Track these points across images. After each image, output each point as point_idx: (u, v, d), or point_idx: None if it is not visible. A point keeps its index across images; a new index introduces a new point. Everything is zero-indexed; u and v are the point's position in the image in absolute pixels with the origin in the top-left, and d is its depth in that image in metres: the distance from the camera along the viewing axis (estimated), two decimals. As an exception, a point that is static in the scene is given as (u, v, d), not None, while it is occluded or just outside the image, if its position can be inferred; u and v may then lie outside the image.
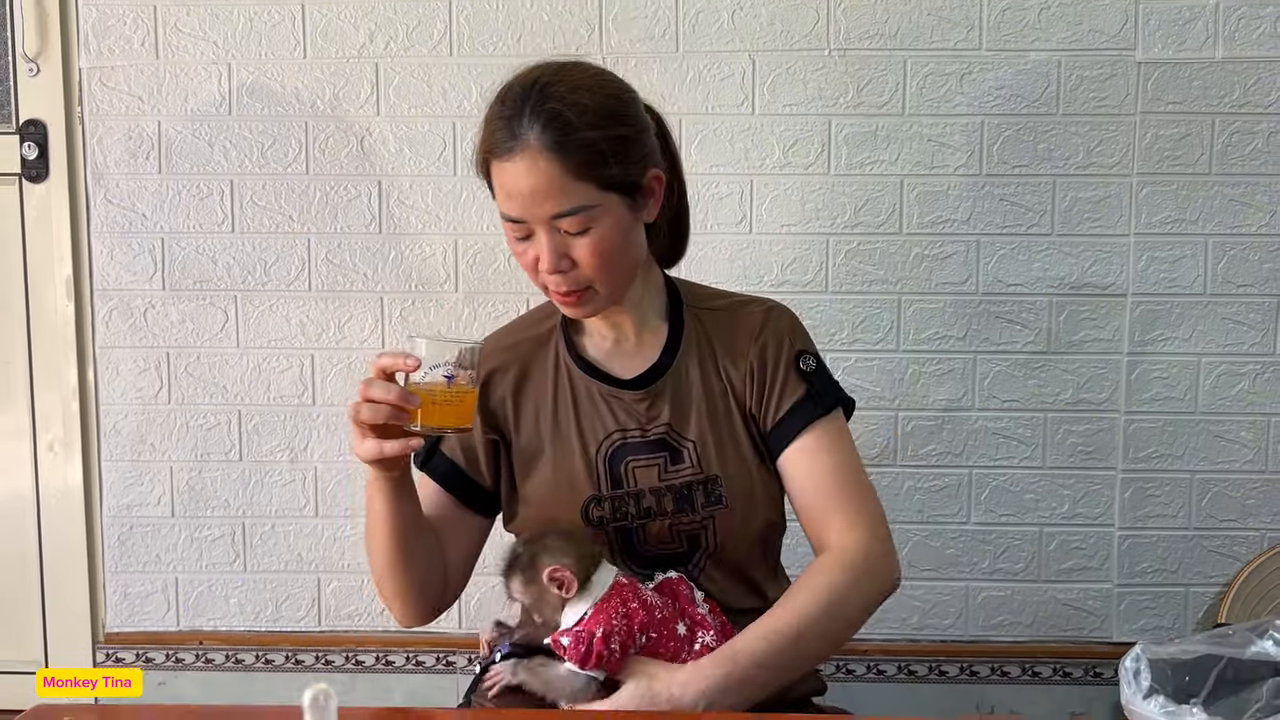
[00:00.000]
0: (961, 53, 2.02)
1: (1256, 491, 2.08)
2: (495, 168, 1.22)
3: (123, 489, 2.16)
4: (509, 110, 1.21)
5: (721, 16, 2.03)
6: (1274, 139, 2.01)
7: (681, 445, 1.29)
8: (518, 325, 1.41)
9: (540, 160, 1.18)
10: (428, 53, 2.06)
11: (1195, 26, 2.00)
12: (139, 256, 2.12)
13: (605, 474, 1.29)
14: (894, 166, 2.04)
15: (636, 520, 1.28)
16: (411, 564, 1.27)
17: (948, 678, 2.13)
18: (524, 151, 1.19)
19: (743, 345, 1.33)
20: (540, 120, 1.19)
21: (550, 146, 1.18)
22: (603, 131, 1.20)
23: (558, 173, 1.19)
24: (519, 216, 1.22)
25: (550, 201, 1.19)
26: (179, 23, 2.08)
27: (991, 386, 2.08)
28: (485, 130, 1.24)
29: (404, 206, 2.09)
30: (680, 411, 1.30)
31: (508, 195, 1.22)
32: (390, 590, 1.29)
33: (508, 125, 1.20)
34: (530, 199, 1.20)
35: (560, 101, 1.20)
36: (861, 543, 1.25)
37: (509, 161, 1.20)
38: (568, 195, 1.19)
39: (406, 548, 1.25)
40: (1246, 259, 2.04)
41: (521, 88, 1.22)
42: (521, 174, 1.19)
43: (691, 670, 1.16)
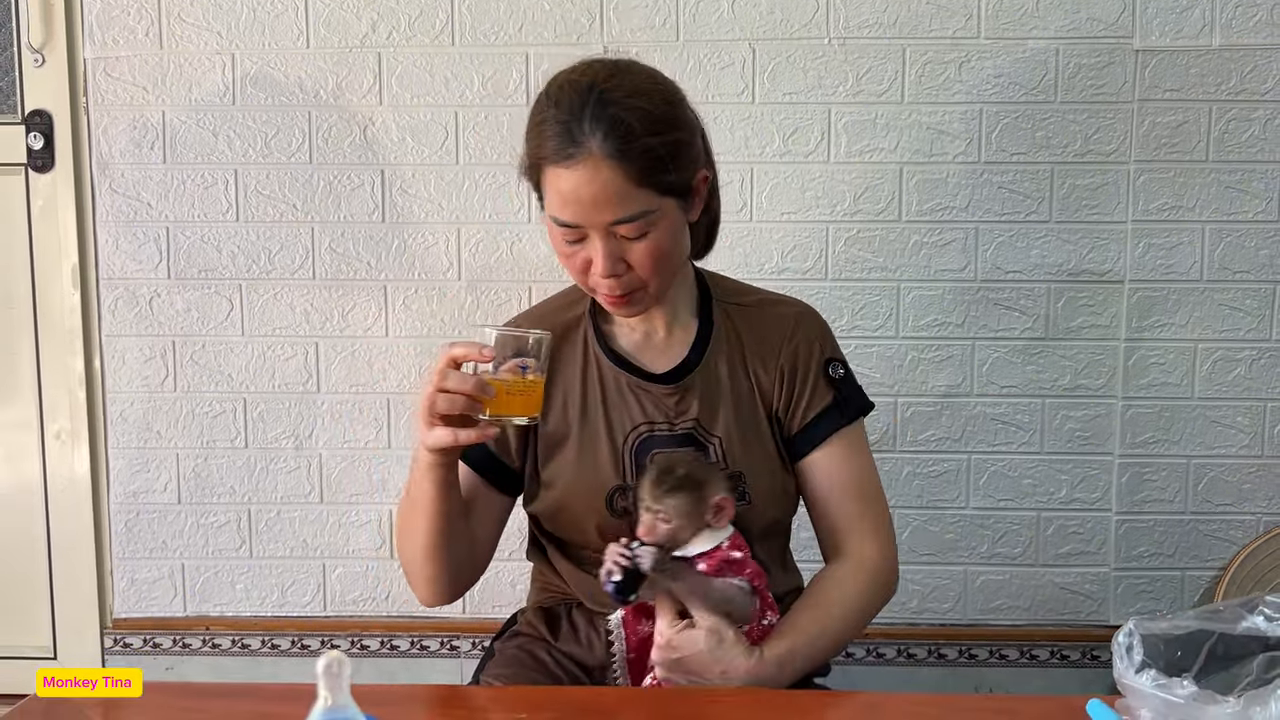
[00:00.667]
0: (960, 41, 2.03)
1: (1252, 476, 2.10)
2: (551, 173, 1.19)
3: (129, 476, 2.19)
4: (566, 114, 1.18)
5: (721, 5, 2.04)
6: (1270, 126, 2.03)
7: (708, 441, 1.30)
8: (545, 310, 1.40)
9: (603, 168, 1.16)
10: (430, 42, 2.07)
11: (1192, 14, 2.02)
12: (144, 246, 2.14)
13: (631, 465, 1.29)
14: (893, 154, 2.06)
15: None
16: (451, 547, 1.27)
17: (946, 661, 2.15)
18: (585, 159, 1.16)
19: (773, 346, 1.34)
20: (602, 127, 1.16)
21: (612, 154, 1.16)
22: (662, 138, 1.19)
23: (619, 180, 1.17)
24: (575, 222, 1.20)
25: (610, 209, 1.18)
26: (183, 13, 2.09)
27: (990, 373, 2.10)
28: (538, 134, 1.21)
29: (407, 195, 2.11)
30: (709, 408, 1.31)
31: (564, 202, 1.19)
32: (425, 573, 1.30)
33: (567, 131, 1.17)
34: (590, 206, 1.18)
35: (621, 107, 1.17)
36: (881, 556, 1.34)
37: (568, 168, 1.17)
38: (628, 202, 1.18)
39: (449, 530, 1.26)
40: (1243, 245, 2.06)
41: (577, 91, 1.19)
42: (583, 182, 1.17)
43: (756, 658, 1.18)
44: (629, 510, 1.28)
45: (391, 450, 2.16)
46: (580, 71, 1.22)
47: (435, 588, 1.31)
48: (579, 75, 1.21)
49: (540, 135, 1.21)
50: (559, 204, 1.20)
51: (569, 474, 1.31)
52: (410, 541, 1.29)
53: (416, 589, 1.33)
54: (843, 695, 1.15)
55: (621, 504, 1.29)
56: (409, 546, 1.30)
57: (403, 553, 1.33)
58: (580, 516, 1.31)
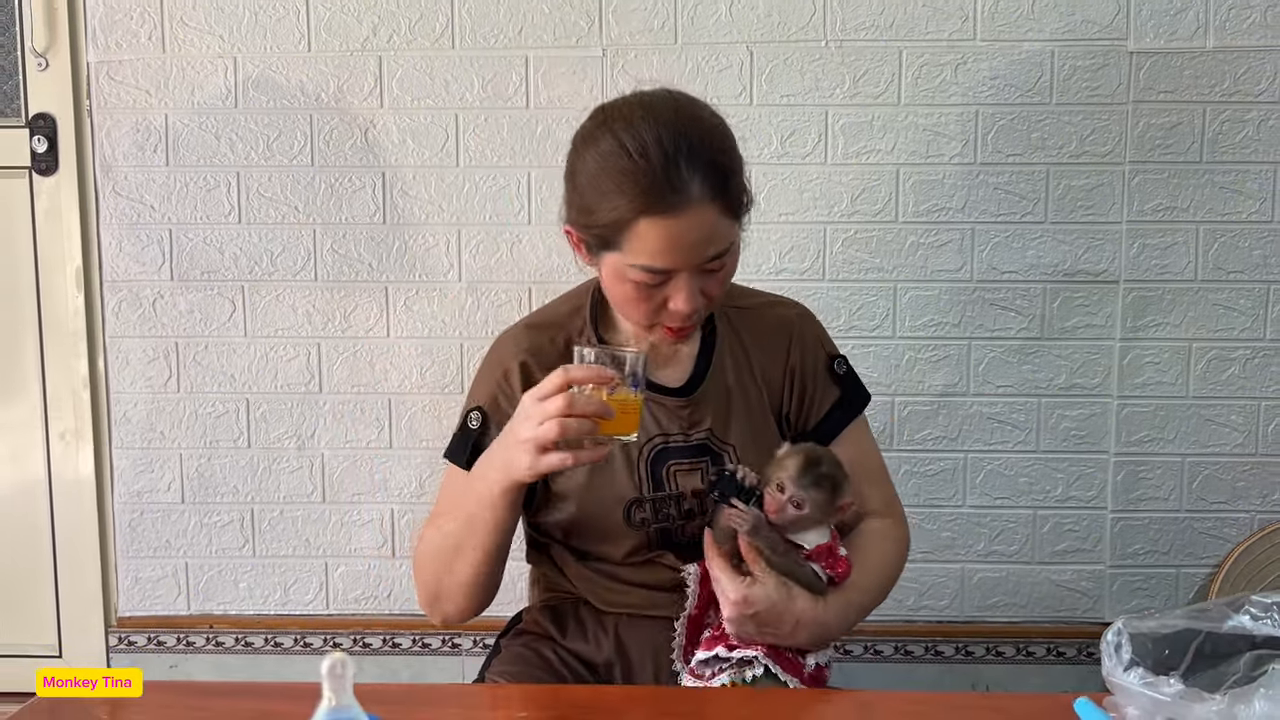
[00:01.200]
0: (956, 43, 2.05)
1: (1246, 474, 2.12)
2: (646, 224, 1.18)
3: (133, 476, 2.20)
4: (660, 163, 1.17)
5: (719, 8, 2.06)
6: (1264, 127, 2.05)
7: (723, 450, 1.32)
8: (548, 319, 1.38)
9: (706, 211, 1.18)
10: (430, 45, 2.09)
11: (1186, 16, 2.03)
12: (147, 248, 2.16)
13: (647, 477, 1.31)
14: (890, 156, 2.08)
15: (678, 521, 1.31)
16: (496, 571, 1.28)
17: (943, 658, 2.17)
18: (690, 205, 1.17)
19: (778, 350, 1.37)
20: (699, 170, 1.17)
21: (713, 195, 1.18)
22: (740, 168, 1.22)
23: (718, 219, 1.19)
24: (671, 267, 1.19)
25: (709, 247, 1.19)
26: (185, 17, 2.11)
27: (986, 372, 2.11)
28: (630, 188, 1.17)
29: (407, 197, 2.13)
30: (721, 417, 1.33)
31: (664, 249, 1.18)
32: (463, 597, 1.29)
33: (667, 180, 1.16)
34: (692, 249, 1.19)
35: (711, 148, 1.19)
36: (901, 526, 1.43)
37: (675, 217, 1.17)
38: (723, 237, 1.20)
39: (501, 556, 1.27)
40: (1237, 246, 2.07)
41: (661, 138, 1.18)
42: (689, 228, 1.17)
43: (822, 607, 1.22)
44: (647, 522, 1.30)
45: (393, 450, 2.18)
46: (644, 114, 1.21)
47: (464, 610, 1.31)
48: (648, 117, 1.20)
49: (631, 190, 1.17)
50: (656, 252, 1.19)
51: (584, 487, 1.31)
52: (453, 574, 1.28)
53: (446, 610, 1.31)
54: (836, 693, 1.17)
55: (640, 515, 1.30)
56: (450, 579, 1.28)
57: (439, 583, 1.30)
58: (597, 529, 1.32)
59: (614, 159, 1.19)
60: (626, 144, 1.19)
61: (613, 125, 1.22)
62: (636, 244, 1.19)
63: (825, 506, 1.22)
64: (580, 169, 1.24)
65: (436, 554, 1.29)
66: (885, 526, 1.39)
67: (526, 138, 2.09)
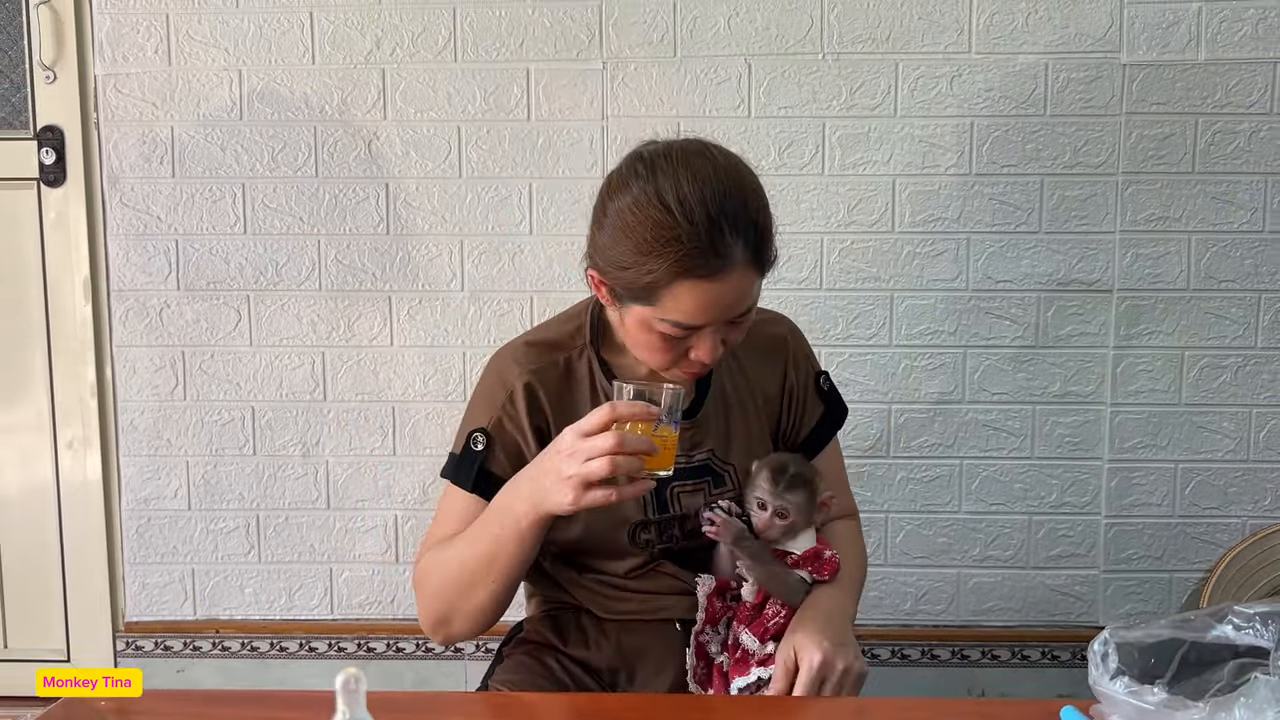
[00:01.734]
0: (951, 56, 2.08)
1: (1238, 480, 2.14)
2: (688, 285, 1.17)
3: (140, 483, 2.23)
4: (705, 228, 1.16)
5: (718, 22, 2.08)
6: (1255, 138, 2.07)
7: (724, 470, 1.35)
8: (548, 338, 1.37)
9: (749, 273, 1.20)
10: (433, 58, 2.12)
11: (1179, 29, 2.06)
12: (154, 258, 2.18)
13: (652, 499, 1.32)
14: (886, 167, 2.10)
15: (681, 541, 1.34)
16: (511, 597, 1.29)
17: (939, 661, 2.20)
18: (733, 269, 1.18)
19: (774, 368, 1.41)
20: (742, 235, 1.18)
21: (754, 260, 1.19)
22: (773, 226, 1.23)
23: (755, 280, 1.22)
24: (702, 324, 1.20)
25: (742, 306, 1.22)
26: (191, 30, 2.13)
27: (981, 380, 2.14)
28: (675, 251, 1.16)
29: (410, 208, 2.15)
30: (721, 439, 1.36)
31: (701, 309, 1.18)
32: (476, 622, 1.29)
33: (711, 246, 1.16)
34: (726, 310, 1.20)
35: (751, 211, 1.20)
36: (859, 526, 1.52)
37: (716, 281, 1.17)
38: (753, 294, 1.23)
39: (518, 582, 1.28)
40: (1228, 255, 2.10)
41: (706, 200, 1.17)
42: (728, 290, 1.18)
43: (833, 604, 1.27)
44: (651, 543, 1.32)
45: (396, 457, 2.21)
46: (685, 172, 1.19)
47: (475, 635, 1.32)
48: (691, 177, 1.18)
49: (676, 253, 1.16)
50: (691, 312, 1.19)
51: (588, 511, 1.29)
52: (468, 601, 1.27)
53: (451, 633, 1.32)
54: (829, 701, 1.20)
55: (645, 537, 1.32)
56: (465, 606, 1.28)
57: (450, 608, 1.29)
58: (601, 551, 1.34)
59: (655, 216, 1.17)
60: (669, 203, 1.17)
61: (653, 176, 1.19)
62: (670, 303, 1.19)
63: (807, 506, 1.26)
64: (615, 217, 1.21)
65: (449, 582, 1.28)
66: (855, 525, 1.50)
67: (528, 149, 2.12)
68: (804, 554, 1.27)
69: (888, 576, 2.18)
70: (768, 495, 1.26)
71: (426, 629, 1.33)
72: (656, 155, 1.22)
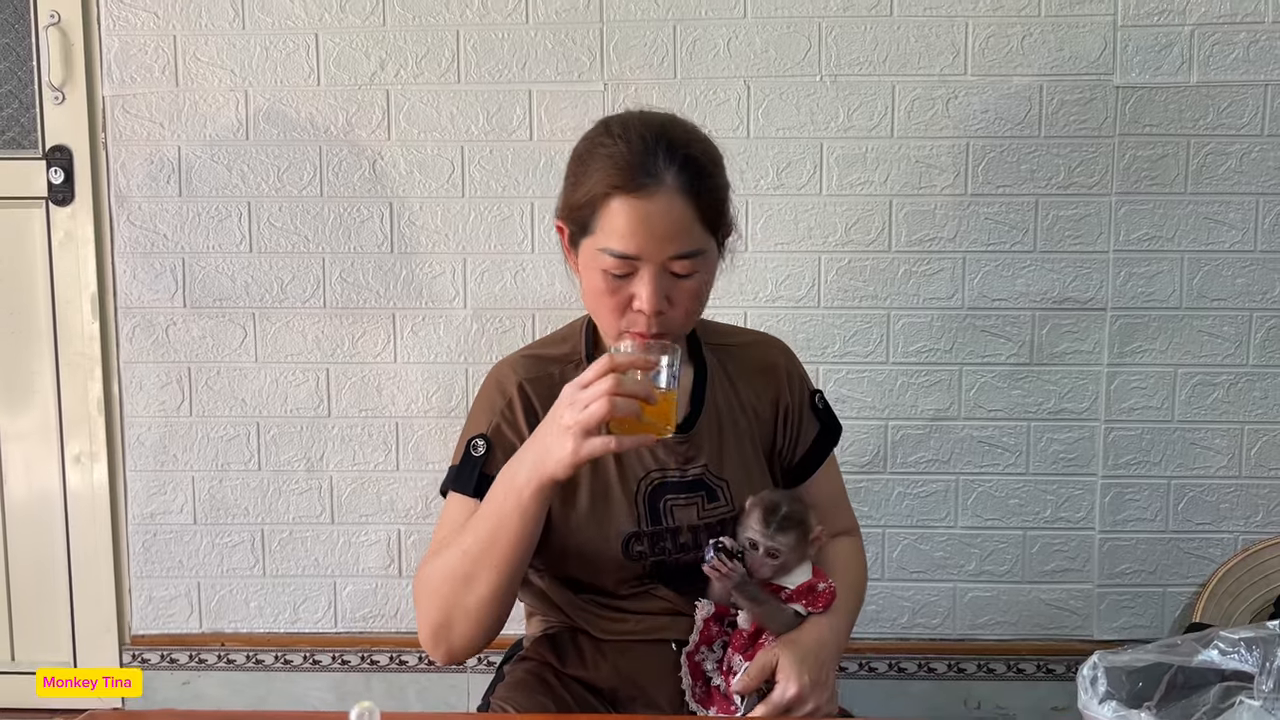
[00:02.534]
0: (947, 78, 2.11)
1: (1230, 496, 2.17)
2: (617, 203, 1.22)
3: (147, 498, 2.26)
4: (639, 148, 1.22)
5: (717, 44, 2.11)
6: (1246, 159, 2.10)
7: (717, 485, 1.37)
8: (544, 350, 1.41)
9: (676, 201, 1.22)
10: (436, 80, 2.15)
11: (1171, 52, 2.09)
12: (161, 276, 2.21)
13: (645, 511, 1.34)
14: (883, 187, 2.13)
15: (674, 555, 1.35)
16: (509, 598, 1.26)
17: (936, 674, 2.23)
18: (661, 190, 1.21)
19: (767, 388, 1.43)
20: (677, 162, 1.22)
21: (686, 189, 1.22)
22: (721, 181, 1.27)
23: (690, 215, 1.22)
24: (634, 254, 1.22)
25: (675, 242, 1.23)
26: (198, 52, 2.16)
27: (977, 397, 2.17)
28: (604, 166, 1.23)
29: (414, 227, 2.18)
30: (716, 453, 1.38)
31: (630, 232, 1.22)
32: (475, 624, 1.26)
33: (642, 163, 1.21)
34: (657, 238, 1.22)
35: (692, 148, 1.24)
36: (860, 539, 1.53)
37: (643, 199, 1.21)
38: (692, 238, 1.23)
39: (516, 578, 1.26)
40: (1220, 274, 2.13)
41: (647, 129, 1.24)
42: (656, 213, 1.21)
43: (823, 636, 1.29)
44: (644, 555, 1.34)
45: (399, 472, 2.23)
46: (637, 114, 1.29)
47: (474, 643, 1.28)
48: (639, 117, 1.28)
49: (608, 167, 1.23)
50: (622, 234, 1.22)
51: (582, 521, 1.34)
52: (466, 597, 1.25)
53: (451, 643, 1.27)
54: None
55: (638, 549, 1.34)
56: (463, 603, 1.25)
57: (448, 611, 1.26)
58: (594, 562, 1.35)
59: (599, 142, 1.27)
60: (614, 130, 1.26)
61: (608, 121, 1.30)
62: (606, 224, 1.23)
63: (798, 546, 1.28)
64: (572, 159, 1.30)
65: (446, 580, 1.26)
66: (855, 543, 1.51)
67: (530, 169, 2.15)
68: (797, 589, 1.29)
69: (885, 590, 2.21)
70: (759, 536, 1.27)
71: (427, 642, 1.30)
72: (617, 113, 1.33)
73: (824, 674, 1.26)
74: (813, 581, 1.30)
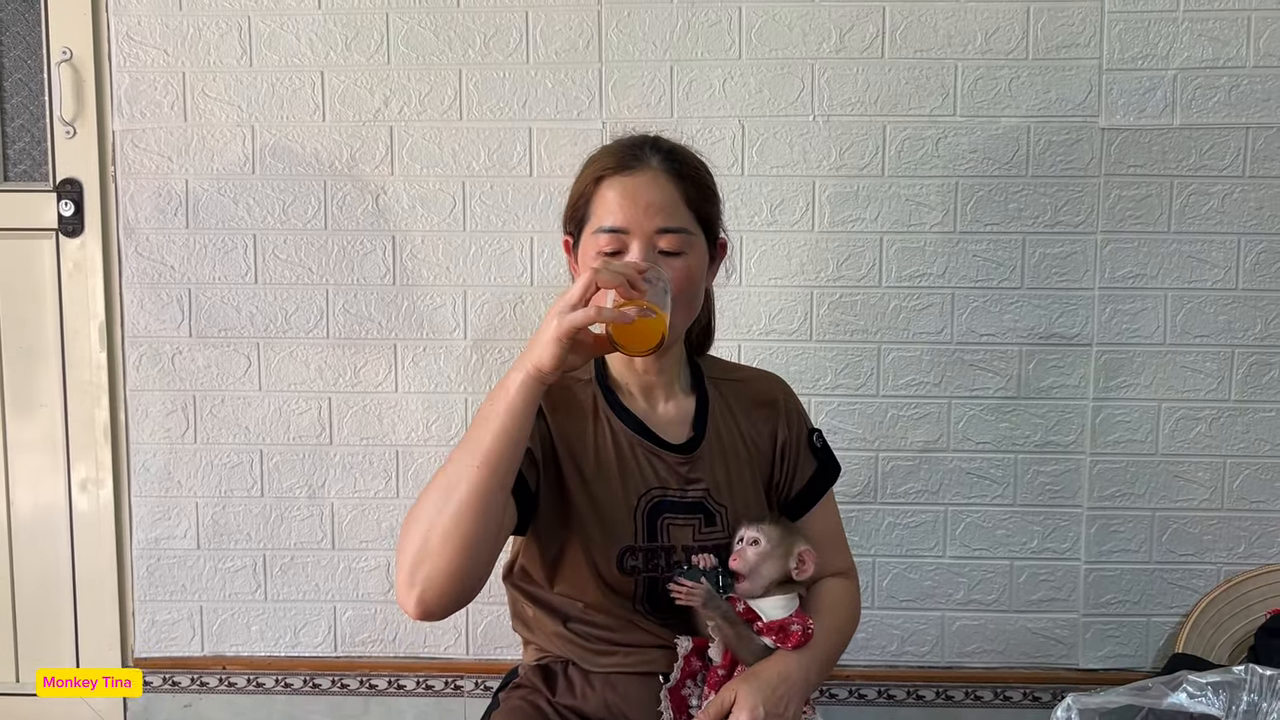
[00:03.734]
0: (937, 119, 2.16)
1: (1213, 528, 2.22)
2: (608, 183, 1.36)
3: (151, 523, 2.30)
4: (626, 144, 1.40)
5: (713, 85, 2.17)
6: (1228, 200, 2.15)
7: (717, 510, 1.42)
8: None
9: (660, 178, 1.36)
10: (439, 117, 2.20)
11: (1155, 95, 2.14)
12: (167, 306, 2.26)
13: (643, 526, 1.39)
14: (874, 224, 2.18)
15: (665, 573, 1.39)
16: (489, 512, 1.20)
17: (925, 702, 2.27)
18: (646, 169, 1.36)
19: (767, 423, 1.49)
20: (660, 153, 1.39)
21: (669, 171, 1.37)
22: (704, 178, 1.42)
23: (673, 193, 1.36)
24: (624, 225, 1.34)
25: (661, 215, 1.34)
26: (206, 88, 2.22)
27: (965, 429, 2.22)
28: (597, 160, 1.40)
29: (416, 260, 2.23)
30: (715, 479, 1.43)
31: (619, 205, 1.34)
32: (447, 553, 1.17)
33: (629, 152, 1.38)
34: (644, 210, 1.34)
35: (676, 147, 1.42)
36: (858, 587, 1.56)
37: (630, 176, 1.36)
38: (677, 214, 1.36)
39: (504, 482, 1.21)
40: (1203, 311, 2.18)
41: (634, 136, 1.42)
42: (642, 186, 1.35)
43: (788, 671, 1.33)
44: (638, 570, 1.38)
45: (399, 500, 2.28)
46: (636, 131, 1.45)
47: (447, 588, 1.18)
48: (634, 132, 1.45)
49: (600, 159, 1.39)
50: (612, 209, 1.35)
51: (579, 530, 1.38)
52: (443, 512, 1.18)
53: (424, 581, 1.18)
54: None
55: (632, 562, 1.38)
56: (440, 521, 1.18)
57: (425, 537, 1.19)
58: (587, 573, 1.39)
59: (593, 150, 1.44)
60: (604, 146, 1.44)
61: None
62: (599, 208, 1.36)
63: (781, 540, 1.34)
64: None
65: (429, 494, 1.21)
66: (849, 585, 1.54)
67: (530, 205, 2.20)
68: (770, 624, 1.33)
69: (875, 619, 2.25)
70: (745, 526, 1.37)
71: (402, 584, 1.20)
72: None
73: (782, 707, 1.30)
74: (787, 620, 1.34)
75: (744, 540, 1.35)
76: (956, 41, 2.14)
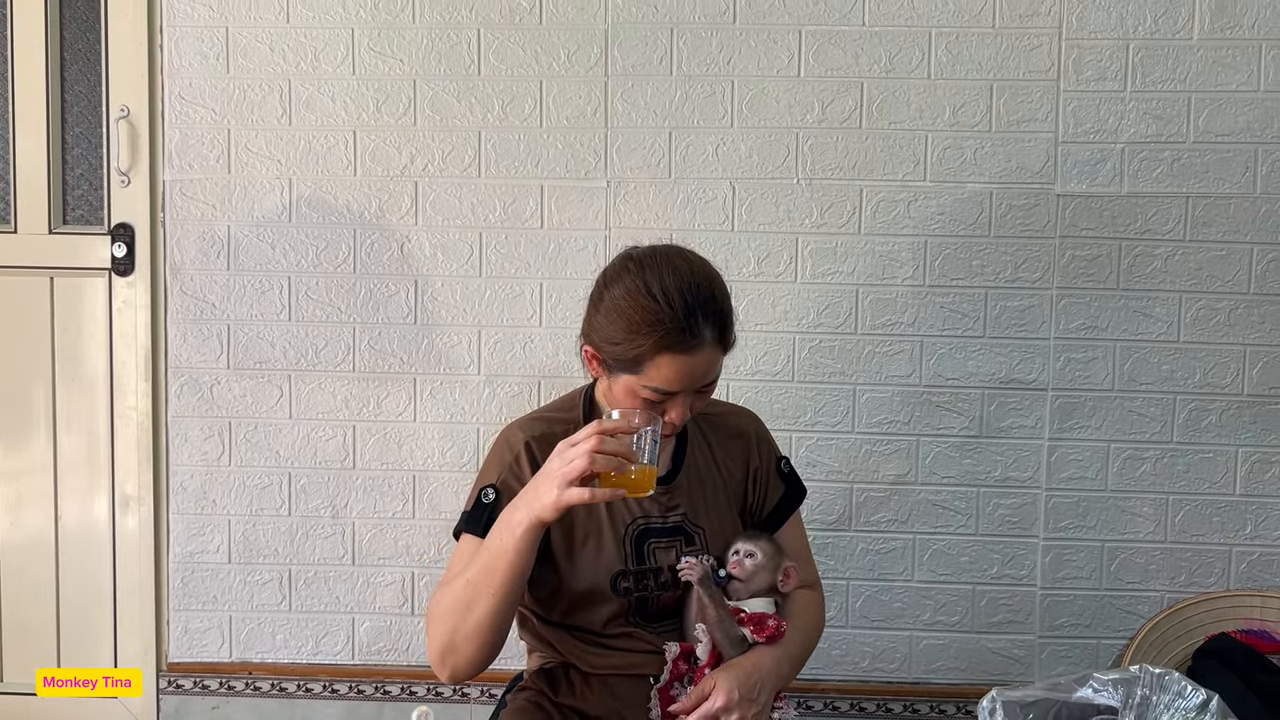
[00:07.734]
0: (909, 183, 2.36)
1: (1157, 559, 2.39)
2: (667, 358, 1.44)
3: (187, 538, 2.48)
4: (682, 313, 1.44)
5: (707, 150, 2.38)
6: (1171, 261, 2.34)
7: (695, 532, 1.60)
8: (548, 416, 1.62)
9: (715, 353, 1.48)
10: (459, 174, 2.40)
11: (1105, 166, 2.34)
12: (208, 340, 2.45)
13: (632, 552, 1.57)
14: (851, 277, 2.37)
15: (654, 592, 1.57)
16: (505, 622, 1.46)
17: (893, 714, 2.44)
18: (703, 348, 1.46)
19: (739, 452, 1.67)
20: (711, 321, 1.47)
21: (719, 341, 1.48)
22: (732, 320, 1.52)
23: (719, 356, 1.50)
24: (677, 391, 1.47)
25: (708, 376, 1.50)
26: (249, 143, 2.42)
27: (932, 464, 2.40)
28: (659, 333, 1.43)
29: (436, 302, 2.43)
30: (693, 504, 1.61)
31: (677, 378, 1.45)
32: (474, 645, 1.44)
33: (689, 328, 1.44)
34: (695, 379, 1.47)
35: (720, 303, 1.49)
36: (821, 594, 1.74)
37: (690, 356, 1.45)
38: (717, 369, 1.51)
39: (511, 604, 1.45)
40: (1148, 361, 2.36)
41: (683, 291, 1.45)
42: (698, 364, 1.46)
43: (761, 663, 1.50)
44: (629, 591, 1.56)
45: (415, 520, 2.46)
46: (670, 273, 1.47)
47: (475, 664, 1.46)
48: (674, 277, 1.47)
49: (659, 334, 1.44)
50: (669, 379, 1.46)
51: (577, 560, 1.55)
52: (467, 622, 1.43)
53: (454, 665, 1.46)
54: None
55: (624, 585, 1.56)
56: (464, 627, 1.44)
57: (453, 635, 1.45)
58: (585, 598, 1.56)
59: (643, 303, 1.45)
60: (655, 293, 1.45)
61: (641, 271, 1.48)
62: (654, 372, 1.46)
63: (774, 555, 1.53)
64: (610, 303, 1.49)
65: (452, 606, 1.45)
66: (816, 596, 1.72)
67: (540, 254, 2.40)
68: (751, 615, 1.52)
69: (848, 637, 2.43)
70: (740, 541, 1.55)
71: (435, 662, 1.48)
72: (644, 255, 1.52)
73: (755, 693, 1.48)
74: (764, 614, 1.52)
75: (740, 553, 1.54)
76: (927, 115, 2.35)
